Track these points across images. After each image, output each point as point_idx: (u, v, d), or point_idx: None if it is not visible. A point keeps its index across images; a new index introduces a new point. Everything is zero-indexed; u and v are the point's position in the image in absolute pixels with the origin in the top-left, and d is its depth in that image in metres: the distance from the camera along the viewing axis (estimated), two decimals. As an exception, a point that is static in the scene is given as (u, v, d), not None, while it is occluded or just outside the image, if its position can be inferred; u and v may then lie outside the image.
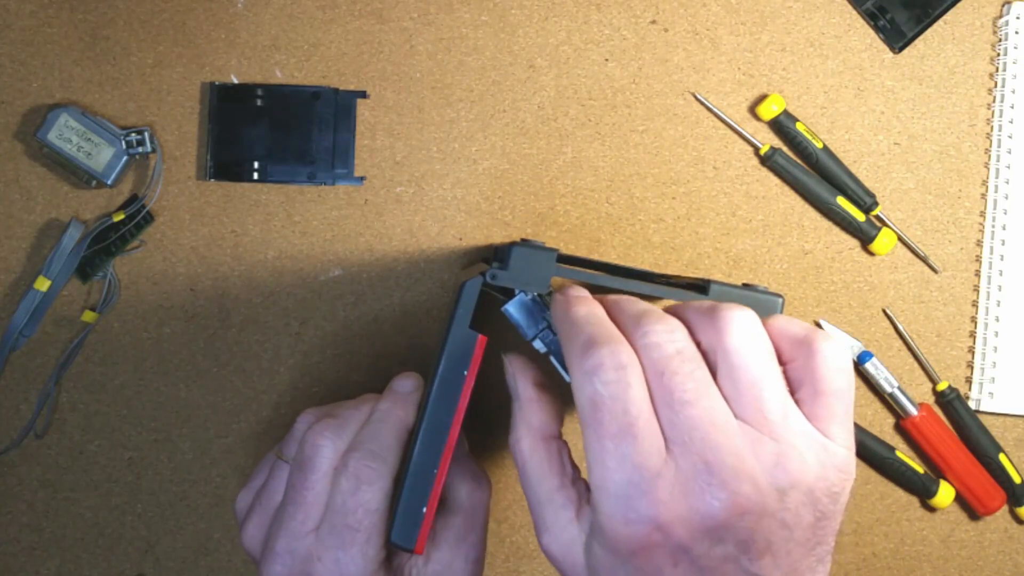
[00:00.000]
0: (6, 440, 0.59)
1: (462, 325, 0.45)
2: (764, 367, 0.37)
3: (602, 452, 0.35)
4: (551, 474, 0.40)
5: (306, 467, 0.46)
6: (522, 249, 0.43)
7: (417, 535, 0.45)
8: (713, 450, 0.35)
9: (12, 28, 0.59)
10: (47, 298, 0.58)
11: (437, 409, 0.45)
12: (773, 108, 0.60)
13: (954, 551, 0.63)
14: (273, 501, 0.49)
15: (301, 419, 0.51)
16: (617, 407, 0.35)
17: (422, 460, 0.45)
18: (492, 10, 0.60)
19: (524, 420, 0.42)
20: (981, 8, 0.62)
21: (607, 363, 0.35)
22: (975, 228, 0.62)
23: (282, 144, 0.60)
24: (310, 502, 0.46)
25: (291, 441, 0.50)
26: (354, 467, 0.45)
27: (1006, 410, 0.62)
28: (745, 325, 0.37)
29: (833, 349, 0.39)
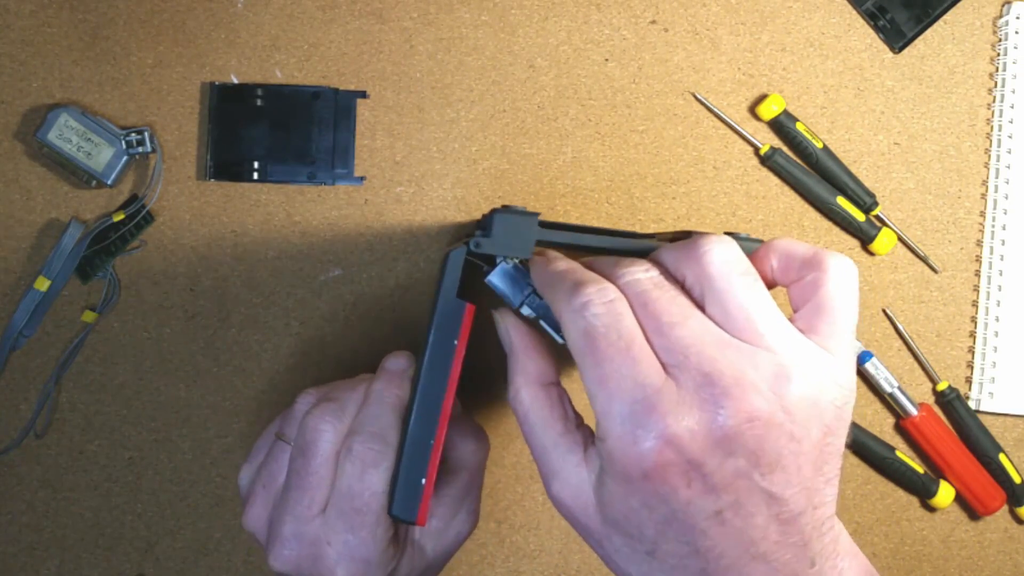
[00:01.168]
0: (6, 440, 0.59)
1: (449, 295, 0.45)
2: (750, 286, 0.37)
3: (602, 377, 0.35)
4: (554, 420, 0.40)
5: (308, 451, 0.47)
6: (504, 215, 0.43)
7: (418, 508, 0.45)
8: (710, 362, 0.35)
9: (12, 28, 0.59)
10: (47, 298, 0.58)
11: (430, 380, 0.45)
12: (773, 108, 0.60)
13: (954, 551, 0.63)
14: (276, 483, 0.49)
15: (301, 400, 0.50)
16: (611, 333, 0.35)
17: (418, 432, 0.45)
18: (492, 10, 0.60)
19: (521, 370, 0.42)
20: (981, 8, 0.62)
21: (595, 298, 0.36)
22: (975, 228, 0.62)
23: (282, 144, 0.60)
24: (314, 486, 0.46)
25: (291, 421, 0.50)
26: (358, 450, 0.46)
27: (1006, 410, 0.62)
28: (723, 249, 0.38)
29: (841, 267, 0.39)
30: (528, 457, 0.61)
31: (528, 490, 0.61)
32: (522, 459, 0.61)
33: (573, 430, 0.40)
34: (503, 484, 0.61)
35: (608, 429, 0.35)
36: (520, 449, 0.61)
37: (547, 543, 0.61)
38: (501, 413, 0.61)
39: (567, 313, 0.37)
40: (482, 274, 0.44)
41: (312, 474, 0.46)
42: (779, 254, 0.40)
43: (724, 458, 0.34)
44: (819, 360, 0.37)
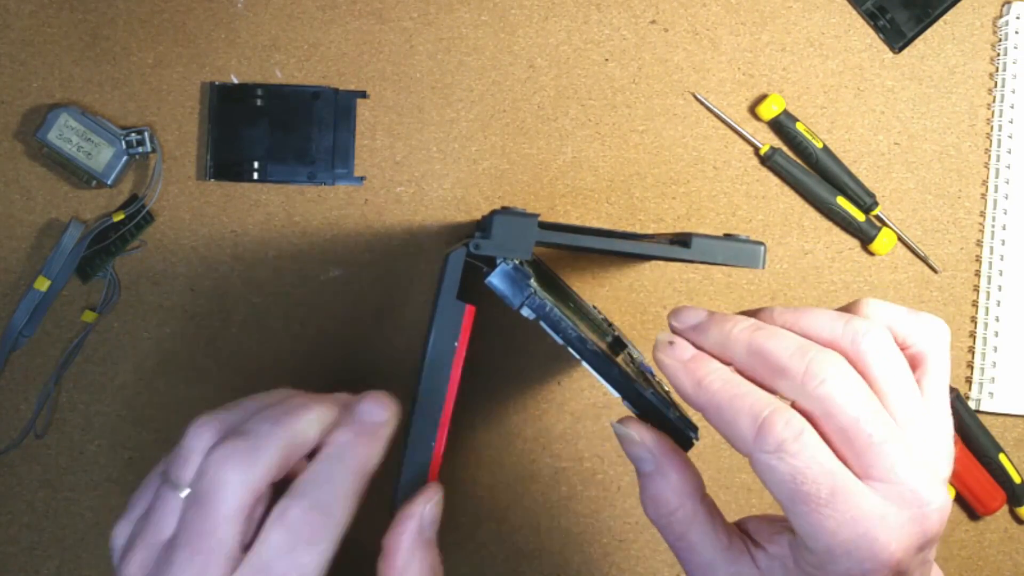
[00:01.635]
0: (6, 440, 0.59)
1: (449, 297, 0.45)
2: (910, 382, 0.38)
3: (819, 519, 0.35)
4: (720, 532, 0.39)
5: (207, 505, 0.35)
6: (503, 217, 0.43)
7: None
8: (918, 471, 0.35)
9: (12, 28, 0.59)
10: (47, 298, 0.58)
11: (430, 382, 0.45)
12: (773, 108, 0.60)
13: (954, 551, 0.63)
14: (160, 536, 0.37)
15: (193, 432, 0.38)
16: (816, 474, 0.35)
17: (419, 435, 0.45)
18: (492, 10, 0.60)
19: (672, 487, 0.39)
20: (981, 8, 0.62)
21: (787, 436, 0.35)
22: (975, 228, 0.62)
23: (282, 144, 0.60)
24: (212, 550, 0.35)
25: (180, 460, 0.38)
26: (295, 518, 0.35)
27: (1006, 410, 0.62)
28: (884, 342, 0.38)
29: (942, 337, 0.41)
30: (528, 457, 0.61)
31: (528, 490, 0.61)
32: (522, 459, 0.61)
33: (734, 537, 0.39)
34: (503, 484, 0.61)
35: (832, 564, 0.35)
36: (520, 449, 0.61)
37: (547, 543, 0.61)
38: (500, 413, 0.61)
39: (758, 455, 0.35)
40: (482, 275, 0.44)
41: (209, 535, 0.35)
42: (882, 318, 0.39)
43: (919, 552, 0.36)
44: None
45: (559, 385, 0.61)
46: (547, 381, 0.61)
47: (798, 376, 0.36)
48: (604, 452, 0.61)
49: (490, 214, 0.44)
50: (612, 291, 0.61)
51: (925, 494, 0.35)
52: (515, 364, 0.61)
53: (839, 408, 0.35)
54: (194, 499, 0.36)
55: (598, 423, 0.61)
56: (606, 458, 0.61)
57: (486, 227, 0.43)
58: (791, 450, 0.35)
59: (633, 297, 0.61)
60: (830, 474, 0.35)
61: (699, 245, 0.44)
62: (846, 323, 0.37)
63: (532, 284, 0.42)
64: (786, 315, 0.39)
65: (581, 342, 0.42)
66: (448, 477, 0.60)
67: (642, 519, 0.61)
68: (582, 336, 0.42)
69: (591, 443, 0.61)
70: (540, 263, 0.57)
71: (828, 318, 0.38)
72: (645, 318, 0.61)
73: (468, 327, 0.45)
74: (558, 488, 0.61)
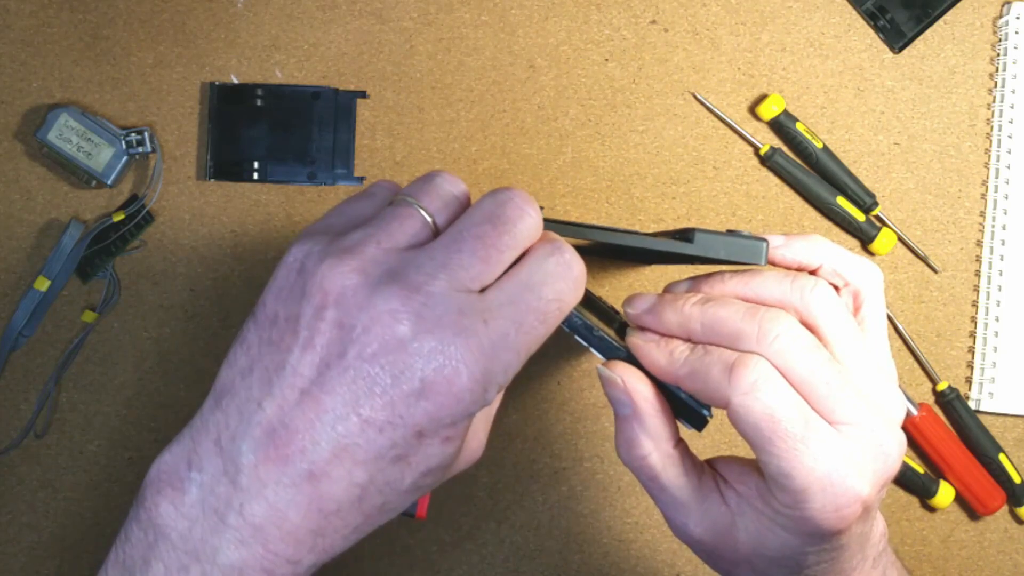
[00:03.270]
0: (6, 440, 0.59)
1: None
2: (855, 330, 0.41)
3: (795, 456, 0.37)
4: (691, 474, 0.41)
5: (506, 224, 0.36)
6: None
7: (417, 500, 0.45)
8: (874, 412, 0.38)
9: (12, 28, 0.59)
10: (47, 298, 0.58)
11: None
12: (773, 108, 0.60)
13: (954, 551, 0.63)
14: (392, 240, 0.36)
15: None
16: (791, 412, 0.37)
17: None
18: (492, 10, 0.60)
19: (647, 433, 0.40)
20: (981, 8, 0.62)
21: (759, 376, 0.37)
22: (975, 228, 0.62)
23: (282, 144, 0.60)
24: (493, 260, 0.35)
25: (428, 192, 0.38)
26: (569, 258, 0.37)
27: (1006, 410, 0.62)
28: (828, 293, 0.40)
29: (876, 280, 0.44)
30: (528, 457, 0.61)
31: (528, 490, 0.61)
32: (522, 459, 0.61)
33: (706, 477, 0.41)
34: (503, 484, 0.61)
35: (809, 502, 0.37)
36: (520, 449, 0.61)
37: (547, 543, 0.61)
38: (501, 413, 0.61)
39: (736, 397, 0.37)
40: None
41: (492, 246, 0.35)
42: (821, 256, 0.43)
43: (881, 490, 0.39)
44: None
45: (559, 385, 0.61)
46: (547, 381, 0.61)
47: (752, 336, 0.38)
48: (604, 452, 0.61)
49: None
50: (612, 291, 0.61)
51: (883, 434, 0.38)
52: (515, 364, 0.61)
53: (796, 359, 0.38)
54: (489, 217, 0.36)
55: (598, 423, 0.61)
56: (606, 458, 0.61)
57: None
58: (765, 388, 0.37)
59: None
60: (802, 412, 0.37)
61: (701, 240, 0.44)
62: (792, 281, 0.40)
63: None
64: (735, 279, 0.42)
65: (587, 329, 0.42)
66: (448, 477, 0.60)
67: (642, 519, 0.61)
68: (588, 323, 0.42)
69: (591, 443, 0.61)
70: None
71: (775, 278, 0.40)
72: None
73: None
74: (558, 488, 0.61)
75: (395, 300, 0.33)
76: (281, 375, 0.35)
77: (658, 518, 0.61)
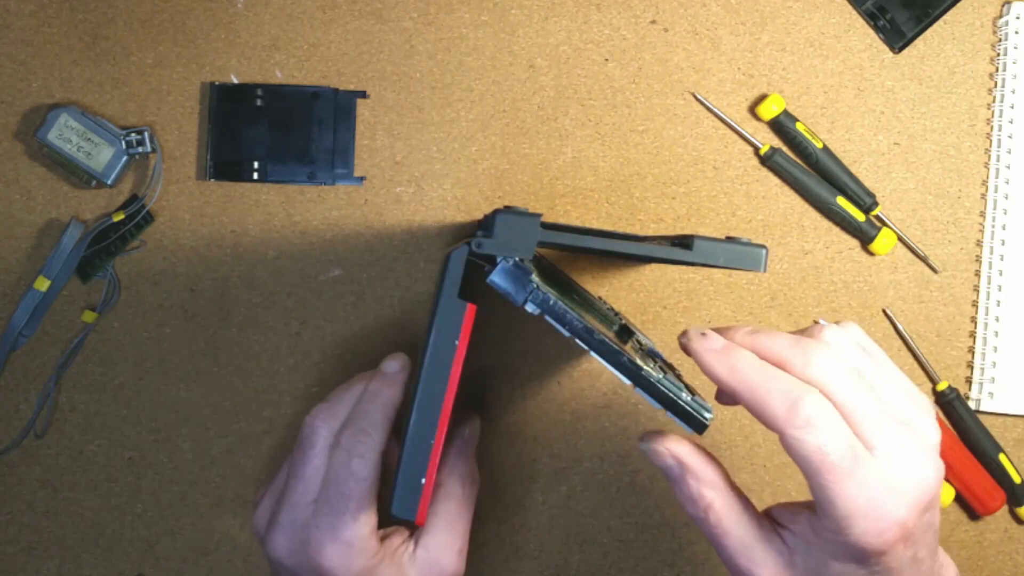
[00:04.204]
0: (6, 440, 0.59)
1: (450, 295, 0.45)
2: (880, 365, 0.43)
3: (843, 486, 0.39)
4: (751, 517, 0.43)
5: (304, 445, 0.50)
6: (506, 216, 0.43)
7: (417, 506, 0.45)
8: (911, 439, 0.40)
9: (12, 28, 0.59)
10: (47, 298, 0.58)
11: (430, 380, 0.45)
12: (773, 108, 0.60)
13: (954, 551, 0.63)
14: (304, 499, 0.51)
15: (311, 427, 0.52)
16: (840, 446, 0.39)
17: (418, 432, 0.45)
18: (492, 10, 0.60)
19: (705, 483, 0.43)
20: (981, 8, 0.62)
21: (813, 412, 0.39)
22: (975, 228, 0.62)
23: (282, 144, 0.60)
24: (309, 476, 0.50)
25: (307, 450, 0.52)
26: (346, 442, 0.49)
27: (1006, 410, 0.62)
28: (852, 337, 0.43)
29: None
30: (528, 457, 0.61)
31: (528, 490, 0.61)
32: (522, 459, 0.61)
33: (764, 520, 0.43)
34: (503, 484, 0.61)
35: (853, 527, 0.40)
36: (520, 449, 0.61)
37: (547, 543, 0.61)
38: (501, 412, 0.61)
39: (789, 430, 0.40)
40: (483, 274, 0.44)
41: (307, 465, 0.50)
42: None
43: (922, 514, 0.41)
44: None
45: (559, 385, 0.61)
46: (547, 381, 0.61)
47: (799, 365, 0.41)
48: (604, 452, 0.61)
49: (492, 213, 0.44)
50: (612, 291, 0.61)
51: (919, 459, 0.40)
52: (515, 364, 0.61)
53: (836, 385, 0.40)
54: (297, 445, 0.51)
55: (598, 423, 0.61)
56: (606, 458, 0.61)
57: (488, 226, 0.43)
58: (818, 425, 0.39)
59: (633, 297, 0.61)
60: (851, 446, 0.39)
61: (701, 247, 0.44)
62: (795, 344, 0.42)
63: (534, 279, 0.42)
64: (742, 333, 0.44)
65: (588, 332, 0.42)
66: (448, 477, 0.61)
67: (642, 519, 0.61)
68: (588, 327, 0.42)
69: (591, 443, 0.61)
70: (541, 259, 0.57)
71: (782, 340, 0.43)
72: (645, 318, 0.61)
73: (469, 326, 0.45)
74: (558, 488, 0.61)
75: (264, 538, 0.52)
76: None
77: (658, 518, 0.61)
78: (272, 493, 0.52)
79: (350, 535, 0.48)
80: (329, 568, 0.48)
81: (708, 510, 0.43)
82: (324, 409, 0.51)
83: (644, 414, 0.61)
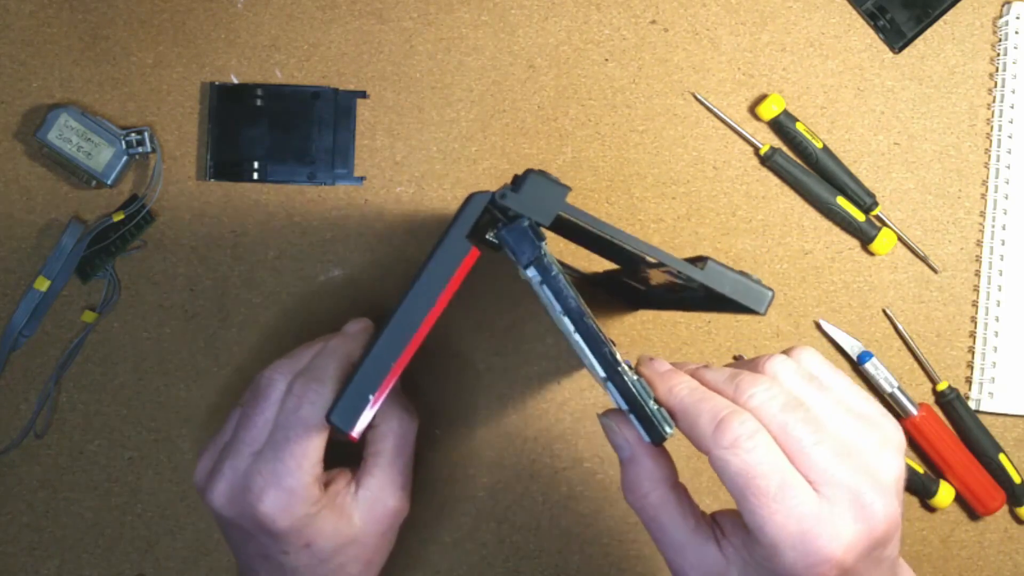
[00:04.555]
0: (6, 440, 0.59)
1: (459, 233, 0.44)
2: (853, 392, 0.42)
3: (769, 512, 0.38)
4: (688, 516, 0.42)
5: (259, 396, 0.50)
6: (539, 177, 0.42)
7: (356, 420, 0.44)
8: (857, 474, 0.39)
9: (12, 28, 0.59)
10: (47, 298, 0.58)
11: (411, 306, 0.44)
12: (773, 108, 0.60)
13: (954, 551, 0.63)
14: (224, 439, 0.52)
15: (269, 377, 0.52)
16: (767, 469, 0.38)
17: (382, 350, 0.44)
18: (492, 10, 0.60)
19: (646, 474, 0.42)
20: (981, 8, 0.62)
21: (742, 433, 0.39)
22: (975, 228, 0.62)
23: (282, 144, 0.60)
24: (259, 426, 0.50)
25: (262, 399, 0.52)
26: (297, 388, 0.49)
27: (1006, 410, 0.62)
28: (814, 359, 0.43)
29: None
30: (528, 457, 0.61)
31: (528, 490, 0.61)
32: (522, 459, 0.61)
33: (702, 523, 0.42)
34: (503, 484, 0.61)
35: (780, 557, 0.38)
36: (520, 449, 0.61)
37: (547, 543, 0.61)
38: (501, 413, 0.61)
39: (716, 450, 0.39)
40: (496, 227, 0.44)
41: (259, 415, 0.50)
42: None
43: (870, 553, 0.39)
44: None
45: (559, 385, 0.61)
46: (547, 381, 0.61)
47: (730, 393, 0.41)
48: (604, 452, 0.61)
49: (526, 172, 0.43)
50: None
51: (865, 496, 0.39)
52: (515, 364, 0.61)
53: (769, 416, 0.39)
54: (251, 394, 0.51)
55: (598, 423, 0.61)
56: (606, 458, 0.61)
57: (518, 183, 0.43)
58: (745, 446, 0.38)
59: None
60: (779, 471, 0.38)
61: (713, 269, 0.43)
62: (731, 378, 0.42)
63: (543, 247, 0.42)
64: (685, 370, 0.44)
65: (579, 314, 0.41)
66: (448, 477, 0.61)
67: (642, 519, 0.61)
68: (581, 309, 0.41)
69: (591, 443, 0.61)
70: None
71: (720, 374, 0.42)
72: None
73: (467, 268, 0.44)
74: (558, 488, 0.61)
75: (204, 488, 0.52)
76: None
77: (658, 518, 0.61)
78: (215, 446, 0.52)
79: (292, 481, 0.48)
80: (268, 514, 0.48)
81: (644, 500, 0.42)
82: (283, 363, 0.51)
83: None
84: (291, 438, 0.48)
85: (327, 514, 0.50)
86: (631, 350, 0.61)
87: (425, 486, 0.60)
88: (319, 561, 0.50)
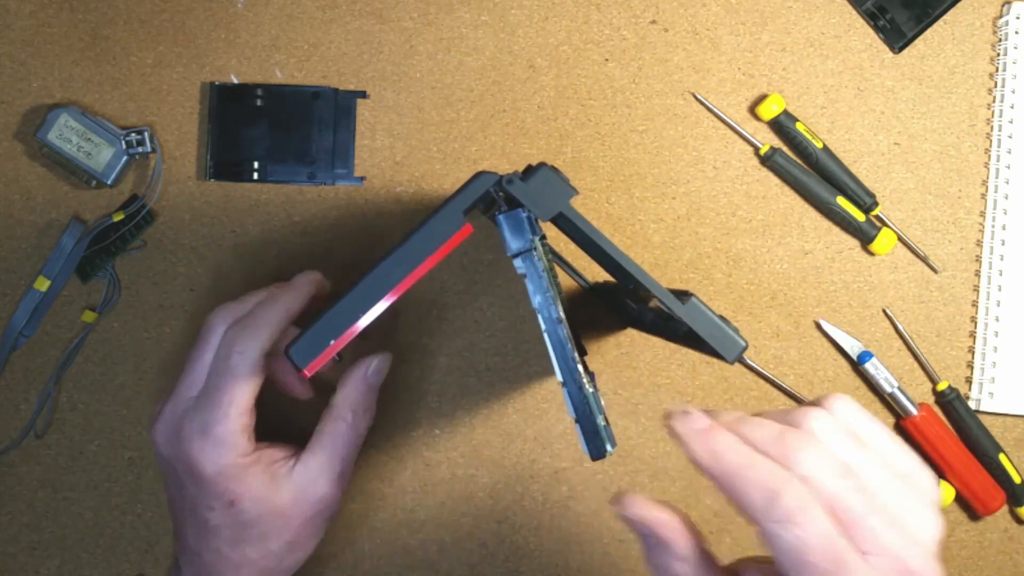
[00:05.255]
0: (6, 440, 0.59)
1: (457, 207, 0.44)
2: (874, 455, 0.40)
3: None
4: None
5: (199, 340, 0.51)
6: (550, 173, 0.42)
7: (311, 360, 0.44)
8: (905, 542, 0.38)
9: (12, 28, 0.59)
10: (47, 298, 0.58)
11: (393, 264, 0.44)
12: (773, 108, 0.60)
13: (954, 551, 0.63)
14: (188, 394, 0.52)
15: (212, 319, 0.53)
16: (820, 546, 0.36)
17: (353, 301, 0.44)
18: (492, 10, 0.60)
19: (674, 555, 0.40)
20: (981, 8, 0.62)
21: (794, 507, 0.37)
22: (975, 228, 0.62)
23: (282, 144, 0.60)
24: (198, 371, 0.51)
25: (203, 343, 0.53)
26: (229, 336, 0.50)
27: (1006, 410, 0.62)
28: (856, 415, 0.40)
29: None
30: (528, 457, 0.61)
31: (528, 490, 0.61)
32: (522, 459, 0.61)
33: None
34: (503, 484, 0.61)
35: None
36: (520, 449, 0.61)
37: (547, 543, 0.61)
38: (500, 414, 0.61)
39: (768, 524, 0.37)
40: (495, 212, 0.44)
41: (198, 360, 0.51)
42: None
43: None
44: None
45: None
46: (547, 381, 0.61)
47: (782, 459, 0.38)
48: (604, 452, 0.61)
49: (539, 164, 0.43)
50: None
51: (911, 562, 0.37)
52: (515, 364, 0.61)
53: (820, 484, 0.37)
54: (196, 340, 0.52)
55: (598, 423, 0.61)
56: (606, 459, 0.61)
57: (528, 173, 0.43)
58: (798, 521, 0.36)
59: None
60: (832, 547, 0.37)
61: (694, 306, 0.43)
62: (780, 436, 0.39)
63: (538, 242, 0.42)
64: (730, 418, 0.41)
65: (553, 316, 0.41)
66: (448, 477, 0.61)
67: (642, 519, 0.61)
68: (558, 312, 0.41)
69: (591, 443, 0.61)
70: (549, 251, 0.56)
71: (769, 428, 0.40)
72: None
73: (456, 242, 0.44)
74: (558, 488, 0.61)
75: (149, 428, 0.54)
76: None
77: (658, 518, 0.61)
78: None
79: (220, 430, 0.49)
80: (196, 459, 0.49)
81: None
82: (227, 307, 0.52)
83: (644, 414, 0.61)
84: (220, 386, 0.49)
85: (257, 472, 0.50)
86: (629, 349, 0.61)
87: (425, 486, 0.60)
88: (241, 524, 0.50)
